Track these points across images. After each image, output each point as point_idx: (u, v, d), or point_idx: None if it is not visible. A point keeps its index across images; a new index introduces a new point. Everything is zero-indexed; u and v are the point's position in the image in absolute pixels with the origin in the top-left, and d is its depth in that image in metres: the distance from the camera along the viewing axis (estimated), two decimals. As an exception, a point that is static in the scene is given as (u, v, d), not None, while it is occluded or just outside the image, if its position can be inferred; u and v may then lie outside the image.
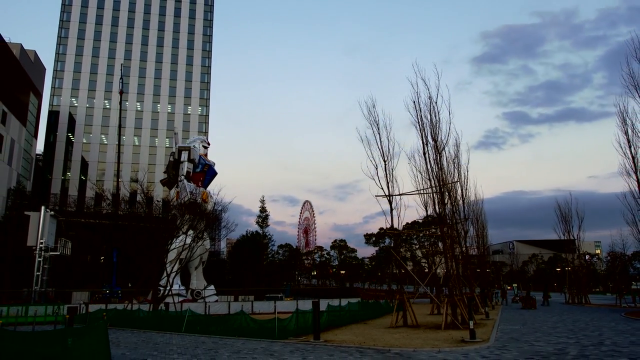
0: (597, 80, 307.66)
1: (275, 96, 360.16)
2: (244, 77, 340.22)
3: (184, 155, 41.00)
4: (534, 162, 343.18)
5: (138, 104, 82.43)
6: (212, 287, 41.34)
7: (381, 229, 72.17)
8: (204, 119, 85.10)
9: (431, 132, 20.83)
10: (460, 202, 28.73)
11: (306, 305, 26.39)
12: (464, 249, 30.78)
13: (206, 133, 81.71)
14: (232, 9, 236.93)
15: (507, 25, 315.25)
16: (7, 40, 59.41)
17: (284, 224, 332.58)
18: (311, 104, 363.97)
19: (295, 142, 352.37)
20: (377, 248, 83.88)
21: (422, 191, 21.72)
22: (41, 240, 33.63)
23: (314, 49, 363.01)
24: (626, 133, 26.38)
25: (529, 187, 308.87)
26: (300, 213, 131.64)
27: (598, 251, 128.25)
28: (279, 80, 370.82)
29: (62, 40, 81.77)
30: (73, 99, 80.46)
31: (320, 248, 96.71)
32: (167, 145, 79.40)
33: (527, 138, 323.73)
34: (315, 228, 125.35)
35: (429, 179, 21.18)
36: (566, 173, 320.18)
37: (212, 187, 42.20)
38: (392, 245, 46.02)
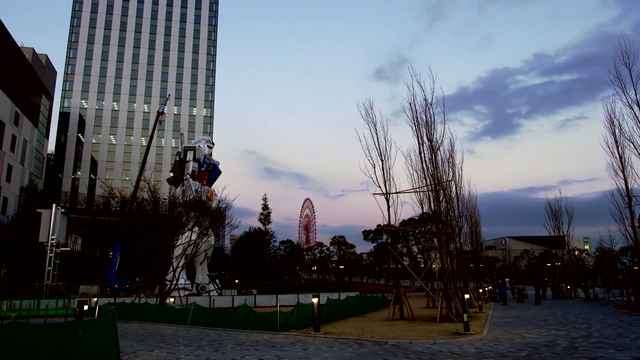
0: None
1: (276, 101, 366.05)
2: (246, 78, 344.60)
3: (190, 155, 41.76)
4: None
5: (145, 105, 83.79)
6: (216, 281, 42.09)
7: (379, 225, 72.50)
8: (209, 120, 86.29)
9: (427, 133, 21.27)
10: (455, 199, 29.11)
11: (307, 299, 26.95)
12: (458, 244, 31.13)
13: (211, 134, 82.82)
14: (234, 13, 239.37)
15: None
16: (19, 44, 60.71)
17: (289, 226, 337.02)
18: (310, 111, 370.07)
19: (293, 147, 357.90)
20: (374, 244, 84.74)
21: (418, 189, 22.24)
22: (52, 237, 34.39)
23: (316, 51, 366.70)
24: (613, 134, 26.85)
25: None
26: (301, 210, 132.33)
27: (587, 247, 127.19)
28: (279, 85, 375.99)
29: (72, 44, 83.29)
30: (83, 101, 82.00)
31: (320, 244, 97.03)
32: (174, 146, 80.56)
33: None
34: (315, 225, 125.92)
35: (425, 178, 21.60)
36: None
37: (216, 186, 43.12)
38: (389, 241, 46.44)
